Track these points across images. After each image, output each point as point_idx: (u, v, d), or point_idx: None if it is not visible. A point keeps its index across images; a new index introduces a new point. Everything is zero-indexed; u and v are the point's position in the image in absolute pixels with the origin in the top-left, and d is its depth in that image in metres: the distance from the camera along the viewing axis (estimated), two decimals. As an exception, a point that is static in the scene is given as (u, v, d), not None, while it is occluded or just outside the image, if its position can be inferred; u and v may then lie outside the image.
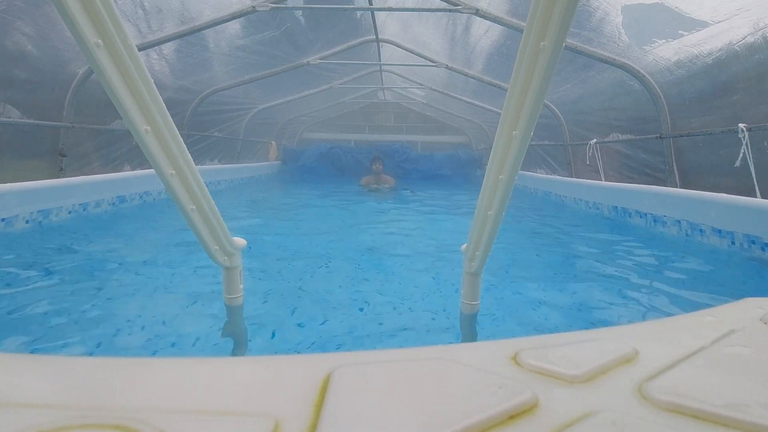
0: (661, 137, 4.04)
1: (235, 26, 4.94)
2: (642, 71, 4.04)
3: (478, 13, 4.20)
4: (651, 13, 3.47)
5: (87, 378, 0.52)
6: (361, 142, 12.49)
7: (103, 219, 3.87)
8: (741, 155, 2.97)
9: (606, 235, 3.68)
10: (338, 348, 1.54)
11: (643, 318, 1.85)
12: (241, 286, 1.35)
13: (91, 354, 1.45)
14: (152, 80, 0.94)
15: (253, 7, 4.28)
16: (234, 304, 1.35)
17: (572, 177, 6.04)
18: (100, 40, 0.84)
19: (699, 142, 3.77)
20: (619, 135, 4.91)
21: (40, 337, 1.55)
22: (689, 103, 3.83)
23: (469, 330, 1.38)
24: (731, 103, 3.38)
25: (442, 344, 0.64)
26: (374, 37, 6.31)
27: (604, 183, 4.78)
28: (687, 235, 3.23)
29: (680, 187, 3.90)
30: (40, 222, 3.32)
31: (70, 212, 3.65)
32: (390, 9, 5.26)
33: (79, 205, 3.78)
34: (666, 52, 3.69)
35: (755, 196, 2.88)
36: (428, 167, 11.07)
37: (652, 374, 0.54)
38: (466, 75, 6.48)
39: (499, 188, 1.03)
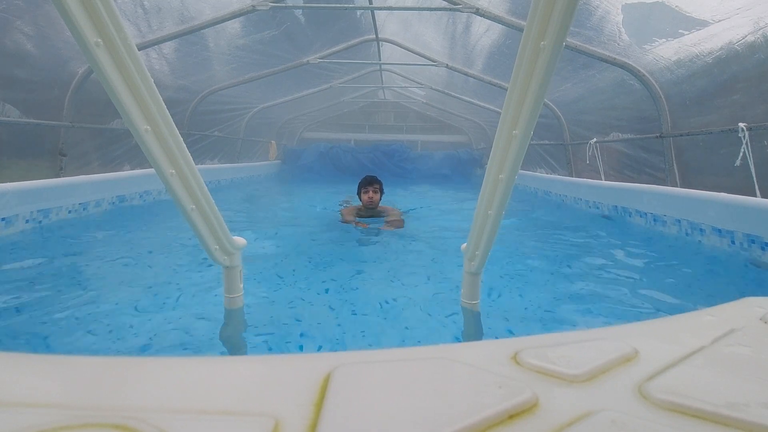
0: (661, 136, 4.03)
1: (234, 25, 4.94)
2: (642, 70, 4.03)
3: (478, 12, 4.19)
4: (651, 12, 3.46)
5: (87, 377, 0.52)
6: (360, 141, 12.49)
7: (102, 218, 3.87)
8: (741, 154, 2.96)
9: (606, 234, 3.68)
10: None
11: (643, 317, 1.85)
12: (241, 286, 1.35)
13: (91, 353, 1.45)
14: (152, 79, 0.94)
15: (253, 6, 4.27)
16: (234, 303, 1.35)
17: (572, 176, 6.03)
18: (99, 40, 0.84)
19: (699, 141, 3.76)
20: (619, 134, 4.90)
21: (39, 336, 1.55)
22: (689, 102, 3.83)
23: (469, 329, 1.38)
24: (731, 103, 3.38)
25: (442, 344, 0.64)
26: (374, 36, 6.30)
27: (604, 182, 4.78)
28: (687, 234, 3.23)
29: (680, 187, 3.89)
30: (40, 221, 3.32)
31: (70, 212, 3.65)
32: (390, 8, 5.25)
33: (79, 204, 3.78)
34: (666, 51, 3.68)
35: (755, 196, 2.88)
36: (428, 167, 11.09)
37: (652, 374, 0.54)
38: (466, 74, 6.47)
39: (499, 188, 1.02)
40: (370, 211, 3.89)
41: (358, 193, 3.92)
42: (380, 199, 3.91)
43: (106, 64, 0.86)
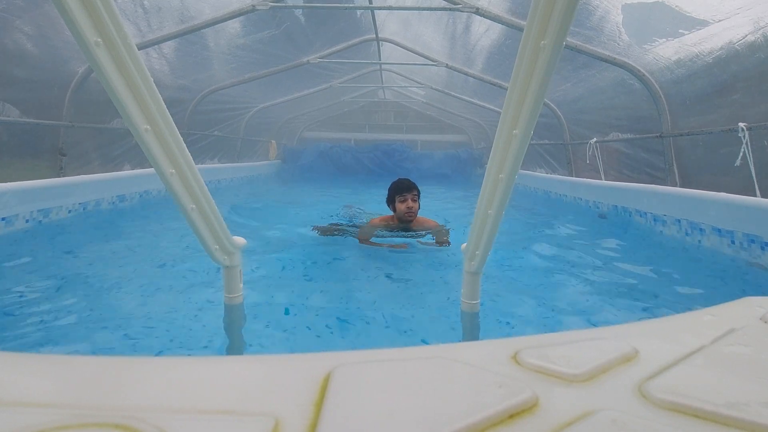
0: (661, 136, 4.03)
1: (234, 25, 4.94)
2: (642, 70, 4.03)
3: (478, 12, 4.19)
4: (651, 11, 3.46)
5: (87, 377, 0.52)
6: (361, 141, 12.49)
7: (102, 218, 3.87)
8: (741, 154, 2.96)
9: (605, 234, 3.68)
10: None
11: (643, 317, 1.85)
12: (241, 285, 1.35)
13: (91, 353, 1.45)
14: (152, 79, 0.94)
15: (253, 6, 4.27)
16: (234, 303, 1.34)
17: (572, 176, 6.03)
18: (99, 39, 0.84)
19: (699, 141, 3.76)
20: (620, 134, 4.90)
21: (39, 336, 1.55)
22: (689, 102, 3.82)
23: (469, 329, 1.38)
24: (731, 102, 3.38)
25: (442, 343, 0.64)
26: (374, 36, 6.30)
27: (604, 182, 4.78)
28: (687, 234, 3.23)
29: (680, 187, 3.89)
30: (40, 221, 3.31)
31: (70, 211, 3.65)
32: (390, 8, 5.25)
33: (79, 204, 3.78)
34: (666, 51, 3.68)
35: (755, 196, 2.88)
36: (428, 166, 11.10)
37: (652, 373, 0.54)
38: (466, 74, 6.47)
39: (500, 187, 1.02)
40: (404, 225, 3.02)
41: (390, 202, 3.05)
42: (418, 209, 3.01)
43: (106, 63, 0.86)
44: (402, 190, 2.96)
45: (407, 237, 2.99)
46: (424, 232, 3.06)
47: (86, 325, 1.64)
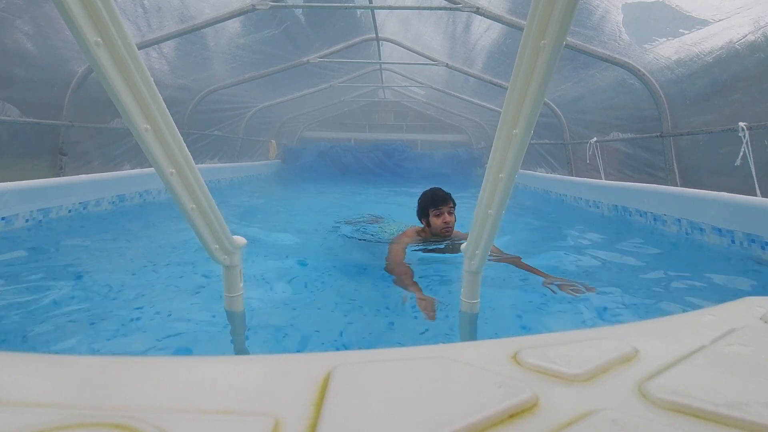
0: (661, 136, 4.03)
1: (234, 25, 4.94)
2: (642, 70, 4.03)
3: (478, 11, 4.19)
4: (652, 11, 3.46)
5: (87, 377, 0.52)
6: (361, 140, 12.49)
7: (102, 218, 3.87)
8: (741, 154, 2.96)
9: (606, 233, 3.68)
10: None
11: (643, 317, 1.85)
12: (241, 285, 1.35)
13: (91, 352, 1.45)
14: (152, 79, 0.94)
15: (253, 5, 4.27)
16: (234, 302, 1.34)
17: (572, 176, 6.03)
18: (99, 39, 0.83)
19: (699, 140, 3.76)
20: (620, 134, 4.90)
21: (41, 336, 1.55)
22: (690, 101, 3.82)
23: (469, 329, 1.38)
24: (732, 102, 3.37)
25: (442, 343, 0.64)
26: (374, 35, 6.30)
27: (604, 182, 4.78)
28: (687, 233, 3.23)
29: (680, 186, 3.89)
30: (40, 221, 3.32)
31: (70, 211, 3.65)
32: (390, 8, 5.25)
33: (79, 203, 3.78)
34: (666, 50, 3.68)
35: (755, 195, 2.88)
36: (428, 166, 11.11)
37: (652, 373, 0.54)
38: (466, 74, 6.47)
39: (500, 187, 1.02)
40: (439, 240, 2.67)
41: (423, 215, 2.69)
42: (455, 221, 2.64)
43: (106, 63, 0.86)
44: (437, 202, 2.62)
45: (444, 252, 2.66)
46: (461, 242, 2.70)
47: (86, 325, 1.64)
